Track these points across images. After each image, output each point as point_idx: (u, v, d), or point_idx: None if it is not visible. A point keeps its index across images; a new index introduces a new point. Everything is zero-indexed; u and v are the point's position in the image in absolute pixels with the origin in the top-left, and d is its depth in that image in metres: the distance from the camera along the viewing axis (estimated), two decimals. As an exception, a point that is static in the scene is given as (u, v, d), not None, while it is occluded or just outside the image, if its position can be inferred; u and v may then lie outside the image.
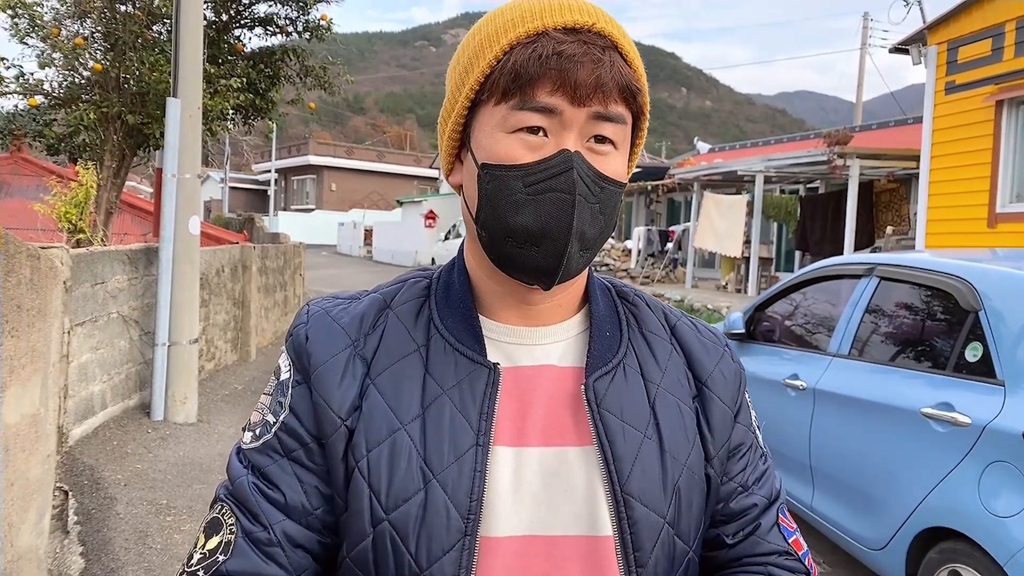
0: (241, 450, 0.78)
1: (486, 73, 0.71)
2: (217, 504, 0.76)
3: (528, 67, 0.69)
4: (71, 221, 6.16)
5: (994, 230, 8.72)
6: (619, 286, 0.87)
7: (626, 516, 0.72)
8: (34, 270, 2.55)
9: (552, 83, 0.69)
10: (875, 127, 16.29)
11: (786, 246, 15.75)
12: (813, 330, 3.93)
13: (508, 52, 0.70)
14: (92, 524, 3.65)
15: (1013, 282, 2.76)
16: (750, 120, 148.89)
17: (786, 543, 0.82)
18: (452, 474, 0.71)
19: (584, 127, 0.70)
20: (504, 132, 0.71)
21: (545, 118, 0.70)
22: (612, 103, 0.70)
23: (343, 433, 0.74)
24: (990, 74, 8.80)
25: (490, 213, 0.72)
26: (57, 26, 6.73)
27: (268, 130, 20.02)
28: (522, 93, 0.69)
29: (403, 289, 0.82)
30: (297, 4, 7.52)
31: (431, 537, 0.70)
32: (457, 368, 0.75)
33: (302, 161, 40.59)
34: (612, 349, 0.79)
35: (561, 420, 0.75)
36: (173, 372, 5.48)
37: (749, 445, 0.84)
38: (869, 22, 24.42)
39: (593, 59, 0.69)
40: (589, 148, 0.71)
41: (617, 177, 0.73)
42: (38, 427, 2.61)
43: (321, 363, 0.76)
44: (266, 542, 0.73)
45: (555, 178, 0.69)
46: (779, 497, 0.85)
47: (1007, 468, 2.40)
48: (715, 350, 0.85)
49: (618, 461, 0.73)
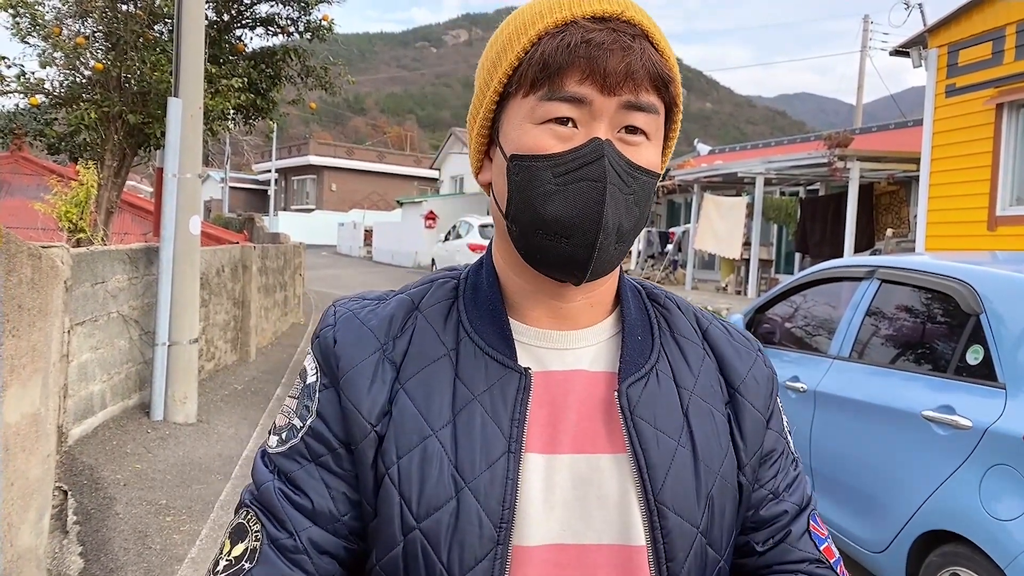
0: (267, 454, 0.77)
1: (514, 65, 0.70)
2: (242, 510, 0.75)
3: (556, 56, 0.67)
4: (71, 220, 6.15)
5: (994, 233, 8.72)
6: (650, 288, 0.85)
7: (659, 526, 0.71)
8: (35, 269, 2.55)
9: (581, 72, 0.67)
10: (875, 129, 16.30)
11: (786, 248, 15.75)
12: (814, 332, 3.93)
13: (536, 43, 0.69)
14: (91, 524, 3.64)
15: (1014, 285, 2.76)
16: (750, 122, 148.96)
17: (817, 550, 0.80)
18: (484, 482, 0.69)
19: (615, 117, 0.69)
20: (533, 123, 0.70)
21: (575, 108, 0.68)
22: (643, 92, 0.69)
23: (373, 439, 0.72)
24: (990, 77, 8.81)
25: (520, 206, 0.71)
26: (58, 25, 6.73)
27: (269, 130, 20.04)
28: (551, 83, 0.68)
29: (431, 290, 0.80)
30: (298, 4, 7.52)
31: (463, 546, 0.68)
32: (487, 373, 0.73)
33: (302, 161, 40.59)
34: (644, 354, 0.77)
35: (593, 427, 0.74)
36: (173, 372, 5.48)
37: (781, 451, 0.82)
38: (870, 24, 24.44)
39: (623, 47, 0.67)
40: (620, 139, 0.70)
41: (651, 167, 0.71)
42: (38, 427, 2.61)
43: (350, 367, 0.74)
44: (292, 549, 0.71)
45: (586, 167, 0.68)
46: (810, 503, 0.83)
47: (1008, 471, 2.40)
48: (748, 355, 0.83)
49: (652, 469, 0.72)
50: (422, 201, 27.88)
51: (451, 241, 19.04)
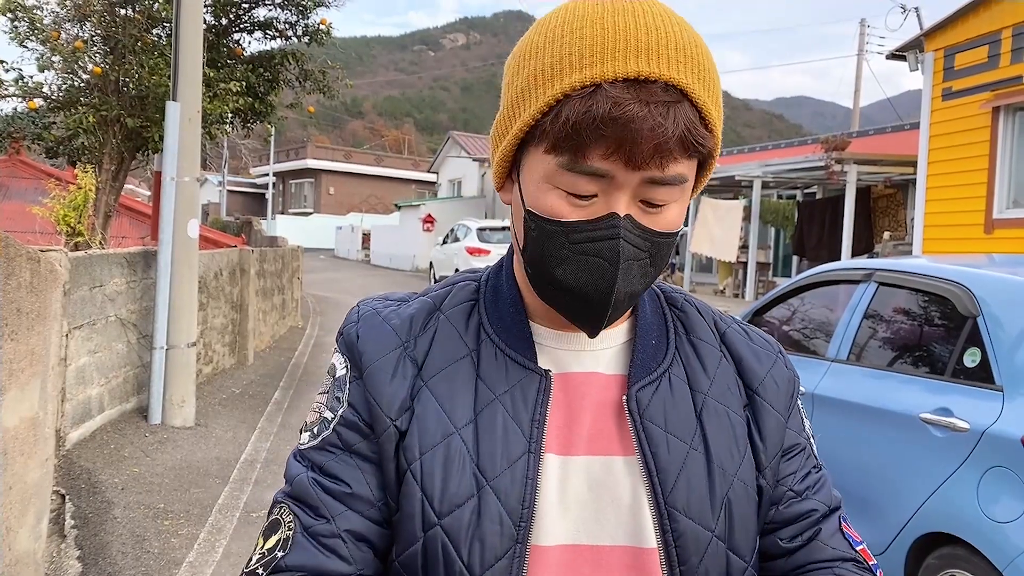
0: (299, 452, 0.77)
1: (536, 118, 0.67)
2: (276, 507, 0.75)
3: (581, 128, 0.63)
4: (69, 224, 6.15)
5: (991, 236, 8.75)
6: (668, 291, 0.85)
7: (670, 529, 0.71)
8: (34, 273, 2.55)
9: (606, 148, 0.64)
10: (872, 133, 16.34)
11: (784, 251, 15.78)
12: (811, 335, 3.93)
13: (561, 100, 0.65)
14: (89, 528, 3.63)
15: (1011, 288, 2.77)
16: (748, 125, 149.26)
17: (853, 550, 0.78)
18: (505, 481, 0.70)
19: (637, 188, 0.67)
20: (552, 185, 0.68)
21: (596, 182, 0.66)
22: (671, 164, 0.65)
23: (392, 433, 0.73)
24: (987, 80, 8.85)
25: (535, 258, 0.71)
26: (57, 29, 6.73)
27: (267, 134, 20.07)
28: (573, 154, 0.65)
29: (452, 292, 0.81)
30: (296, 8, 7.54)
31: (484, 544, 0.69)
32: (508, 374, 0.74)
33: (300, 165, 40.58)
34: (657, 358, 0.77)
35: (607, 429, 0.74)
36: (171, 375, 5.47)
37: (801, 448, 0.81)
38: (866, 28, 24.53)
39: (654, 124, 0.62)
40: (641, 209, 0.68)
41: (671, 229, 0.69)
42: (36, 430, 2.61)
43: (372, 362, 0.75)
44: (327, 534, 0.71)
45: (600, 242, 0.67)
46: (840, 506, 0.82)
47: (1005, 473, 2.40)
48: (767, 357, 0.82)
49: (661, 472, 0.72)
50: (420, 204, 27.88)
51: (449, 244, 19.03)
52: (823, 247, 12.72)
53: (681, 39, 0.66)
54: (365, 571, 0.72)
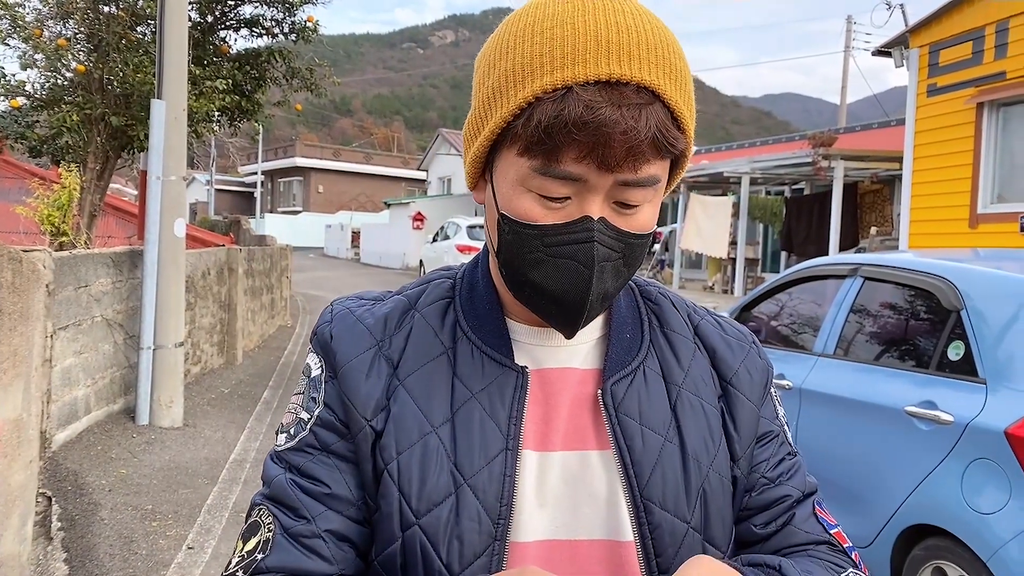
0: (276, 453, 0.77)
1: (508, 120, 0.66)
2: (254, 509, 0.74)
3: (553, 132, 0.63)
4: (54, 224, 6.10)
5: (975, 230, 8.83)
6: (643, 285, 0.85)
7: (646, 521, 0.71)
8: (16, 273, 2.52)
9: (579, 151, 0.63)
10: (859, 129, 16.45)
11: (772, 247, 15.86)
12: (799, 330, 3.96)
13: (532, 103, 0.64)
14: (76, 530, 3.61)
15: (994, 281, 2.80)
16: (736, 122, 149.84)
17: (827, 533, 0.79)
18: (483, 478, 0.70)
19: (611, 191, 0.67)
20: (525, 189, 0.67)
21: (569, 185, 0.66)
22: (643, 166, 0.65)
23: (368, 433, 0.73)
24: (971, 76, 8.92)
25: (508, 260, 0.71)
26: (39, 27, 6.67)
27: (254, 132, 19.98)
28: (546, 157, 0.64)
29: (427, 290, 0.81)
30: (283, 5, 7.49)
31: (462, 542, 0.69)
32: (485, 371, 0.74)
33: (289, 163, 40.39)
34: (632, 352, 0.77)
35: (583, 424, 0.75)
36: (158, 376, 5.44)
37: (774, 435, 0.81)
38: (853, 25, 24.67)
39: (626, 127, 0.62)
40: (615, 209, 0.68)
41: (645, 230, 0.70)
42: (20, 432, 2.59)
43: (346, 362, 0.75)
44: (308, 534, 0.71)
45: (574, 245, 0.67)
46: (815, 492, 0.83)
47: (989, 465, 2.43)
48: (740, 348, 0.82)
49: (636, 466, 0.72)
50: (410, 202, 27.83)
51: (439, 242, 19.01)
52: (811, 242, 12.80)
53: (653, 39, 0.65)
54: (347, 571, 0.72)
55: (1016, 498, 2.32)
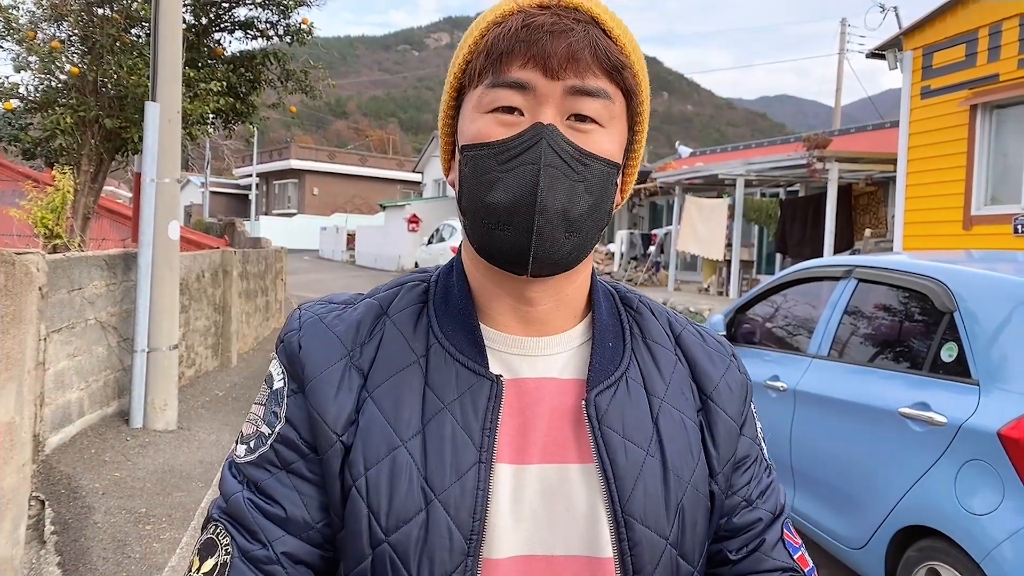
0: (234, 464, 0.74)
1: (467, 59, 0.71)
2: (211, 524, 0.72)
3: (499, 43, 0.68)
4: (47, 226, 6.07)
5: (969, 232, 8.86)
6: (623, 292, 0.83)
7: (627, 538, 0.69)
8: (8, 276, 2.51)
9: (523, 56, 0.67)
10: (853, 131, 16.50)
11: (767, 249, 15.89)
12: (793, 332, 3.96)
13: (485, 34, 0.70)
14: (69, 534, 3.59)
15: (987, 283, 2.81)
16: (731, 124, 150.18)
17: (791, 559, 0.79)
18: (454, 493, 0.68)
19: (562, 103, 0.67)
20: (481, 112, 0.69)
21: (519, 95, 0.67)
22: (590, 76, 0.67)
23: (339, 449, 0.70)
24: (964, 79, 8.95)
25: (468, 196, 0.70)
26: (33, 29, 6.64)
27: (249, 134, 19.93)
28: (494, 70, 0.68)
29: (400, 294, 0.78)
30: (278, 8, 7.48)
31: (433, 559, 0.67)
32: (458, 380, 0.71)
33: (284, 165, 40.32)
34: (614, 361, 0.75)
35: (563, 436, 0.72)
36: (152, 379, 5.42)
37: (755, 458, 0.81)
38: (847, 27, 24.75)
39: (564, 29, 0.67)
40: (570, 125, 0.68)
41: (603, 154, 0.69)
42: (13, 435, 2.57)
43: (315, 375, 0.72)
44: (265, 560, 0.69)
45: (525, 152, 0.66)
46: (784, 511, 0.82)
47: (982, 466, 2.43)
48: (721, 360, 0.81)
49: (619, 480, 0.70)
50: (405, 204, 27.81)
51: (434, 244, 19.00)
52: (806, 244, 12.82)
53: None
54: None
55: (1009, 499, 2.33)
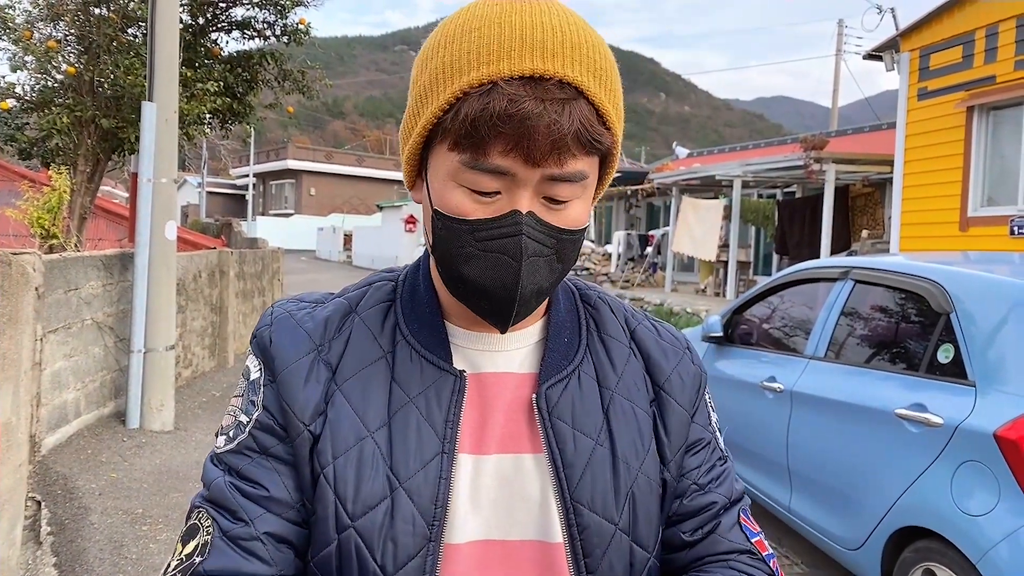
0: (215, 455, 0.77)
1: (437, 116, 0.68)
2: (194, 512, 0.75)
3: (479, 125, 0.65)
4: (44, 227, 6.06)
5: (966, 233, 8.89)
6: (583, 289, 0.87)
7: (575, 523, 0.73)
8: (4, 276, 2.51)
9: (504, 144, 0.65)
10: (850, 132, 16.53)
11: (764, 250, 15.92)
12: (790, 333, 3.97)
13: (460, 97, 0.66)
14: (66, 534, 3.58)
15: (983, 284, 2.82)
16: (728, 125, 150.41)
17: (749, 542, 0.81)
18: (418, 481, 0.71)
19: (539, 187, 0.68)
20: (456, 184, 0.69)
21: (498, 179, 0.67)
22: (569, 162, 0.67)
23: (306, 438, 0.73)
24: (961, 80, 8.98)
25: (443, 257, 0.72)
26: (29, 29, 6.63)
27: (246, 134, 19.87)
28: (474, 151, 0.66)
29: (368, 293, 0.82)
30: (275, 8, 7.48)
31: (396, 544, 0.70)
32: (423, 375, 0.75)
33: (281, 166, 40.28)
34: (568, 356, 0.79)
35: (518, 428, 0.76)
36: (149, 379, 5.41)
37: (706, 443, 0.83)
38: (844, 29, 24.81)
39: (550, 121, 0.64)
40: (544, 204, 0.69)
41: (576, 226, 0.71)
42: (9, 436, 2.57)
43: (285, 367, 0.76)
44: (246, 537, 0.72)
45: (503, 239, 0.68)
46: (741, 499, 0.85)
47: (978, 467, 2.44)
48: (674, 353, 0.84)
49: (568, 468, 0.74)
50: (402, 205, 27.80)
51: (431, 245, 18.97)
52: (803, 245, 12.84)
53: (577, 39, 0.67)
54: (286, 571, 0.73)
55: (1005, 500, 2.33)
